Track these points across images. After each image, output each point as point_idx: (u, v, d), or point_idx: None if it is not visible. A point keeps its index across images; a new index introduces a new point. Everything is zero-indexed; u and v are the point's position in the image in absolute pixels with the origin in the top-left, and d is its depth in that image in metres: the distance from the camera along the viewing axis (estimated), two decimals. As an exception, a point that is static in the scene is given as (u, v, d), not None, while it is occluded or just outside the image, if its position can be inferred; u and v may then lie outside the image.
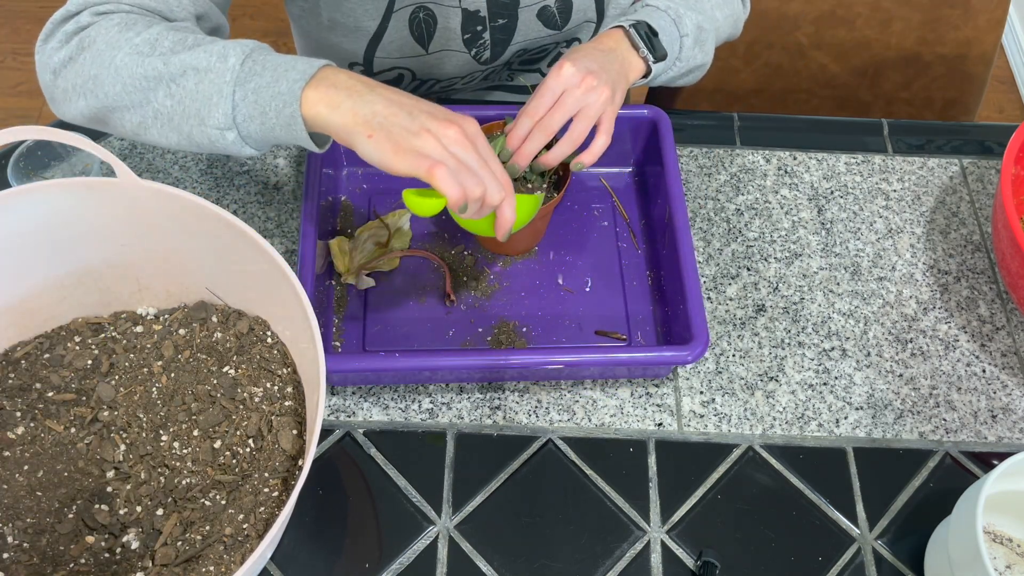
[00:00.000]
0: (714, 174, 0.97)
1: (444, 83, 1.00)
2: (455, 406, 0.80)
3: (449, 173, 0.63)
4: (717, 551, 0.74)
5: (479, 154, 0.66)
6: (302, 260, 0.78)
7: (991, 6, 1.16)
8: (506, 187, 0.67)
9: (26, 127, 0.63)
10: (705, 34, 0.86)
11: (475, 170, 0.65)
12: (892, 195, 0.96)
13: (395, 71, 0.97)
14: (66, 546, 0.66)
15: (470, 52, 0.94)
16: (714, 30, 0.88)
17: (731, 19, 0.92)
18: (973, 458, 0.80)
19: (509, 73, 1.03)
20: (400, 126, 0.64)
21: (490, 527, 0.75)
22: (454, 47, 0.93)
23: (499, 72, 1.01)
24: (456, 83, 1.00)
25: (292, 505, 0.59)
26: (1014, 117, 2.16)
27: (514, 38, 0.93)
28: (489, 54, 0.95)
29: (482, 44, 0.93)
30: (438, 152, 0.64)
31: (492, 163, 0.67)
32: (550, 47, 0.98)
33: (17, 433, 0.70)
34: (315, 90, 0.65)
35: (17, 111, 2.06)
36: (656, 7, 0.85)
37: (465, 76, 0.99)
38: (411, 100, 0.66)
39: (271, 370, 0.73)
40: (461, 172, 0.64)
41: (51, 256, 0.72)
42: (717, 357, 0.84)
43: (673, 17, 0.84)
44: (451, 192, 0.63)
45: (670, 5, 0.85)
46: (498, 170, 0.67)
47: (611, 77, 0.77)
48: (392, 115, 0.64)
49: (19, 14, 2.23)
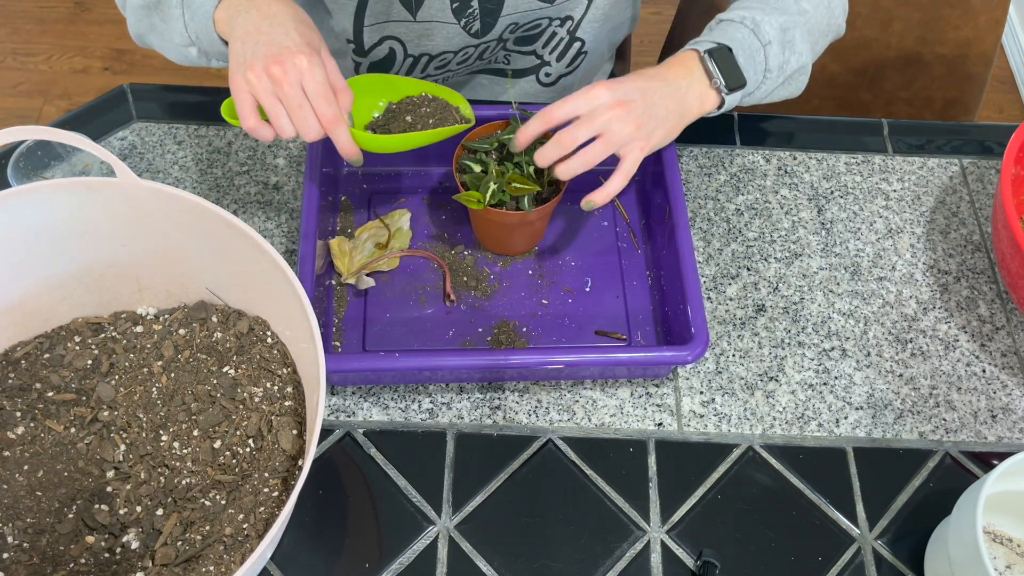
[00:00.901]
0: (714, 174, 0.97)
1: (438, 60, 0.97)
2: (455, 406, 0.80)
3: (248, 105, 0.71)
4: (717, 551, 0.74)
5: (300, 91, 0.70)
6: (302, 260, 0.78)
7: (991, 6, 1.16)
8: (329, 122, 0.71)
9: (26, 127, 0.63)
10: (791, 34, 0.82)
11: (292, 108, 0.70)
12: (892, 195, 0.96)
13: (385, 44, 0.95)
14: (66, 546, 0.66)
15: (460, 23, 0.92)
16: (803, 26, 0.83)
17: (823, 8, 0.86)
18: (973, 458, 0.80)
19: (505, 54, 1.01)
20: (245, 55, 0.71)
21: (490, 527, 0.75)
22: (443, 17, 0.91)
23: (494, 50, 0.99)
24: (450, 60, 0.98)
25: (292, 505, 0.59)
26: (1014, 117, 2.16)
27: (503, 9, 0.91)
28: (479, 25, 0.92)
29: (471, 14, 0.91)
30: (253, 86, 0.70)
31: (316, 99, 0.71)
32: (543, 23, 0.97)
33: (17, 433, 0.70)
34: (221, 9, 0.74)
35: (17, 111, 2.06)
36: (731, 20, 0.82)
37: (458, 52, 0.97)
38: (266, 33, 0.71)
39: (271, 370, 0.73)
40: (274, 107, 0.71)
41: (51, 256, 0.72)
42: (717, 357, 0.84)
43: (751, 27, 0.80)
44: (245, 121, 0.72)
45: (745, 15, 0.81)
46: (321, 106, 0.71)
47: (651, 113, 0.74)
48: (244, 49, 0.72)
49: (19, 14, 2.23)
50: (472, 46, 0.96)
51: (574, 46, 1.01)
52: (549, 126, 0.74)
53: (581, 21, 0.98)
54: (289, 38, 0.71)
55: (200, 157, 0.94)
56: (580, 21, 0.98)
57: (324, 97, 0.71)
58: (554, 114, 0.73)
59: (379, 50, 0.95)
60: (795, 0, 0.84)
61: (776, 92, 0.85)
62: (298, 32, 0.72)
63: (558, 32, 0.99)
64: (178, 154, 0.94)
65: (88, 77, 2.13)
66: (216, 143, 0.95)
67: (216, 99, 0.98)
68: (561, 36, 1.00)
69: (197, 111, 0.98)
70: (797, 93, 0.87)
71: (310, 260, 0.78)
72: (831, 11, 0.87)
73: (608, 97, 0.73)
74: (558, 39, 1.00)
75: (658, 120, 0.76)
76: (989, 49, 1.21)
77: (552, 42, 1.00)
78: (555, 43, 1.01)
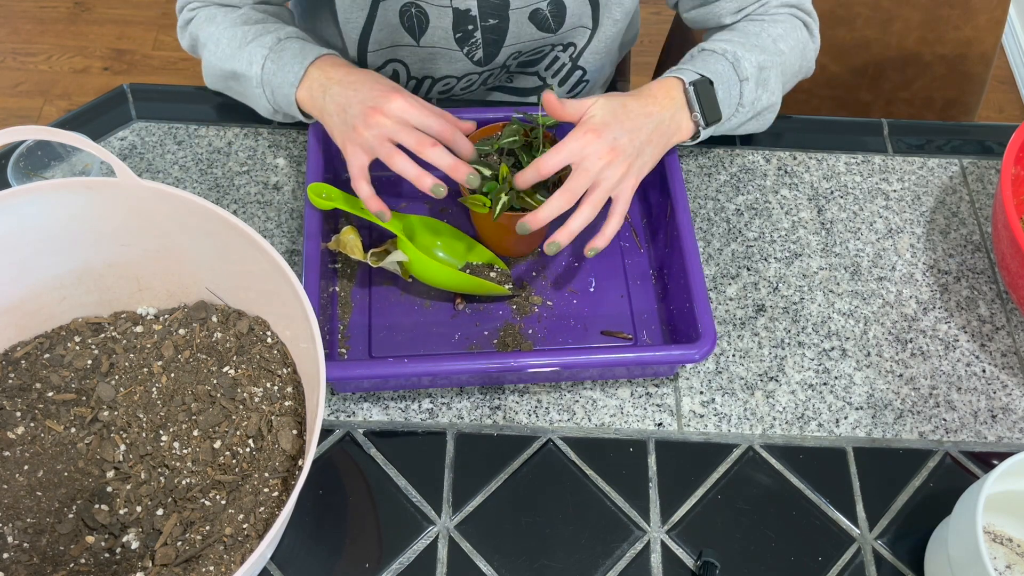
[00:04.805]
0: (714, 174, 0.97)
1: (441, 83, 0.99)
2: (455, 406, 0.80)
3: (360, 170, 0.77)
4: (717, 551, 0.74)
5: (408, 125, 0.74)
6: (306, 260, 0.78)
7: (991, 6, 1.17)
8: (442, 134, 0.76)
9: (26, 127, 0.63)
10: (767, 73, 0.85)
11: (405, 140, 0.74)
12: (892, 195, 0.96)
13: (389, 66, 0.96)
14: (66, 546, 0.66)
15: (462, 51, 0.93)
16: (779, 66, 0.86)
17: (798, 51, 0.89)
18: (973, 458, 0.80)
19: (508, 75, 1.03)
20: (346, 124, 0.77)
21: (490, 527, 0.75)
22: (446, 45, 0.92)
23: (497, 75, 1.01)
24: (453, 85, 1.00)
25: (292, 505, 0.59)
26: (1014, 117, 2.16)
27: (507, 40, 0.93)
28: (482, 54, 0.94)
29: (474, 43, 0.93)
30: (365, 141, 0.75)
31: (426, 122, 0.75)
32: (546, 50, 0.98)
33: (17, 433, 0.70)
34: (302, 90, 0.81)
35: (17, 111, 2.06)
36: (713, 51, 0.84)
37: (462, 78, 0.98)
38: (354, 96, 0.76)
39: (271, 370, 0.73)
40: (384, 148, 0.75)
41: (51, 256, 0.72)
42: (717, 357, 0.84)
43: (731, 61, 0.83)
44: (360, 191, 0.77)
45: (727, 48, 0.84)
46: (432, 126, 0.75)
47: (638, 152, 0.76)
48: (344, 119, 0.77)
49: (19, 14, 2.23)
50: (475, 73, 0.97)
51: (575, 74, 1.03)
52: (544, 176, 0.75)
53: (583, 51, 0.99)
54: (376, 90, 0.76)
55: (200, 157, 0.94)
56: (582, 50, 0.99)
57: (430, 117, 0.75)
58: (549, 164, 0.74)
59: (382, 71, 0.97)
60: (774, 40, 0.87)
61: (745, 126, 0.88)
62: (381, 84, 0.77)
63: (560, 57, 1.00)
64: (178, 154, 0.94)
65: (88, 77, 2.13)
66: (216, 143, 0.95)
67: (216, 99, 0.98)
68: (564, 62, 1.01)
69: (197, 111, 0.98)
70: (764, 127, 0.91)
71: (313, 260, 0.78)
72: (804, 56, 0.91)
73: (599, 145, 0.74)
74: (560, 64, 1.01)
75: (644, 158, 0.78)
76: (989, 49, 1.21)
77: (554, 66, 1.01)
78: (557, 67, 1.02)
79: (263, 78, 0.83)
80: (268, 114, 0.87)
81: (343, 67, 0.81)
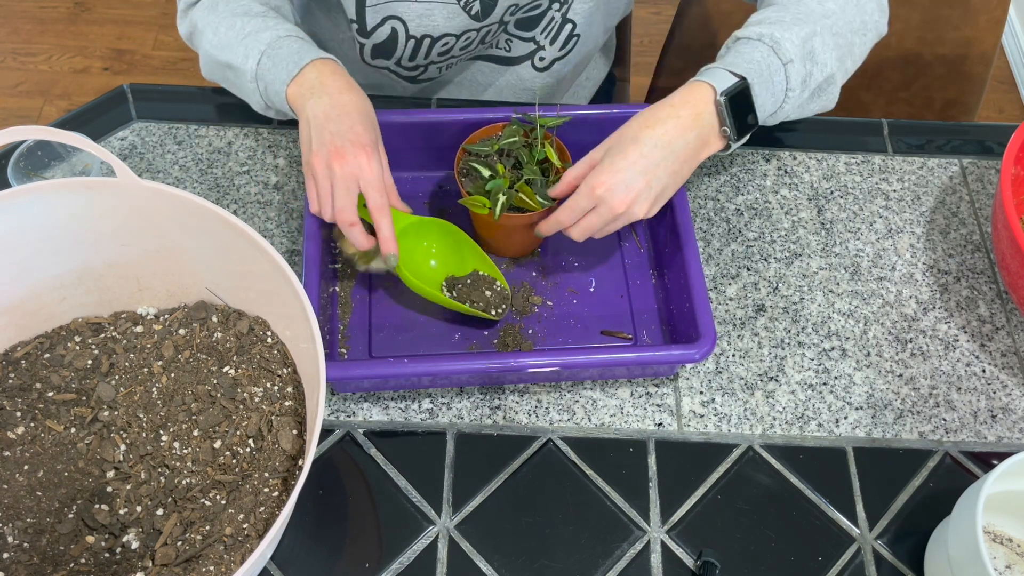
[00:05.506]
0: (714, 174, 0.97)
1: (440, 44, 0.97)
2: (455, 406, 0.80)
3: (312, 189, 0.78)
4: (717, 551, 0.74)
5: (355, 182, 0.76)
6: (306, 260, 0.78)
7: (991, 6, 1.17)
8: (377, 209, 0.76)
9: (26, 127, 0.63)
10: (812, 42, 0.79)
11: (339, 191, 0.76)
12: (892, 195, 0.96)
13: (387, 24, 0.95)
14: (66, 546, 0.66)
15: (459, 2, 0.92)
16: (827, 30, 0.80)
17: (851, 4, 0.82)
18: (973, 458, 0.80)
19: (506, 38, 1.01)
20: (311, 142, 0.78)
21: (490, 527, 0.75)
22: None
23: (495, 34, 0.99)
24: (452, 44, 0.98)
25: (292, 505, 0.59)
26: (1014, 117, 2.16)
27: None
28: (479, 6, 0.93)
29: None
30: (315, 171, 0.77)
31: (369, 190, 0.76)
32: (543, 4, 0.96)
33: (17, 433, 0.70)
34: (293, 86, 0.81)
35: (17, 111, 2.06)
36: (749, 38, 0.79)
37: (461, 35, 0.96)
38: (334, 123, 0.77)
39: (271, 370, 0.73)
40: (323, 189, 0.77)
41: (51, 256, 0.72)
42: (717, 357, 0.84)
43: (771, 44, 0.77)
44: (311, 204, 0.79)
45: (764, 31, 0.78)
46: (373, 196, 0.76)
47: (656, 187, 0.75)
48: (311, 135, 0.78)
49: (19, 14, 2.23)
50: (474, 30, 0.96)
51: (566, 28, 1.01)
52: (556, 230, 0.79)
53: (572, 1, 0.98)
54: (353, 132, 0.76)
55: (200, 157, 0.94)
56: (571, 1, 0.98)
57: (377, 189, 0.76)
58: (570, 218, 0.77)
59: (381, 31, 0.95)
60: (819, 2, 0.81)
61: (806, 107, 0.83)
62: (362, 127, 0.77)
63: (555, 16, 0.99)
64: (178, 154, 0.94)
65: (88, 77, 2.13)
66: (216, 143, 0.95)
67: (216, 99, 0.98)
68: (555, 19, 0.99)
69: (197, 111, 0.98)
70: (830, 106, 0.85)
71: (313, 260, 0.78)
72: (861, 8, 0.84)
73: (613, 199, 0.74)
74: (552, 21, 1.00)
75: (661, 188, 0.76)
76: (989, 49, 1.21)
77: (550, 26, 1.00)
78: (551, 27, 1.01)
79: (258, 73, 0.83)
80: (261, 109, 0.87)
81: (342, 79, 0.80)
